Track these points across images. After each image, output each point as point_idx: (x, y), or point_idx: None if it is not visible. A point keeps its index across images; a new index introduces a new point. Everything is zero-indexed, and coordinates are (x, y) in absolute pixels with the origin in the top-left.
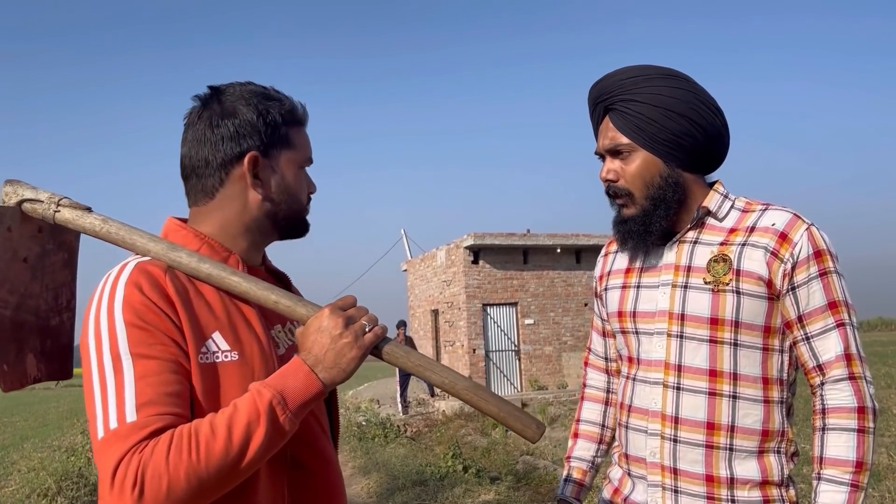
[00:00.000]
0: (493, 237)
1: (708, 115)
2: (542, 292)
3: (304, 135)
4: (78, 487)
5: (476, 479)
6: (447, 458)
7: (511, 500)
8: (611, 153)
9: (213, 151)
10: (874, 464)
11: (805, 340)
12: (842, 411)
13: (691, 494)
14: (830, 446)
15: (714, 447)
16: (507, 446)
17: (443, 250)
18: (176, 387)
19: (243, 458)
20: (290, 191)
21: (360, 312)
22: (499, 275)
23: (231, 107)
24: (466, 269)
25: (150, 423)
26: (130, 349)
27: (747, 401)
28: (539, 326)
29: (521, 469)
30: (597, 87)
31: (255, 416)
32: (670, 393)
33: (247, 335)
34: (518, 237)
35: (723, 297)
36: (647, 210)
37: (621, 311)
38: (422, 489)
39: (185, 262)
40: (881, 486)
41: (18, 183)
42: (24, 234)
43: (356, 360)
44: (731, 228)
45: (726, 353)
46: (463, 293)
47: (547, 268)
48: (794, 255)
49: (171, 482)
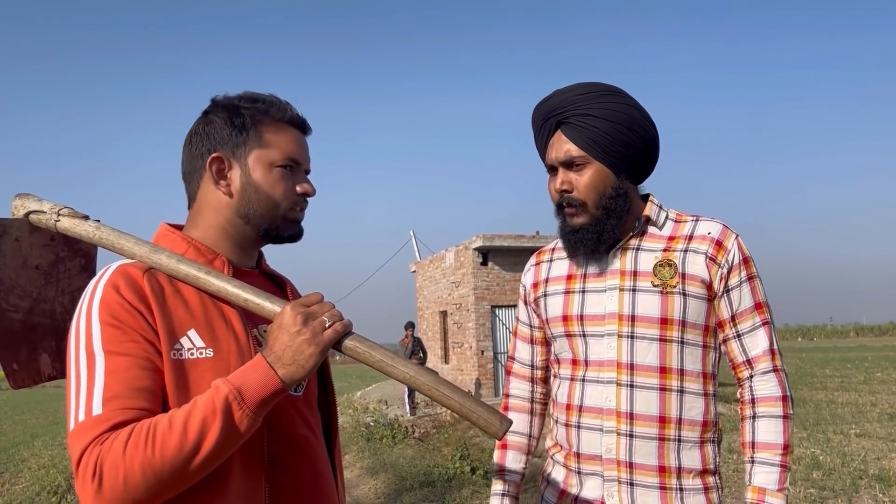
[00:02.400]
0: (502, 238)
1: (649, 128)
2: None
3: (287, 135)
4: None
5: (484, 480)
6: (455, 459)
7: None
8: (564, 165)
9: (190, 158)
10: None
11: (736, 337)
12: (769, 400)
13: (646, 486)
14: (761, 432)
15: (665, 439)
16: None
17: (451, 252)
18: (145, 382)
19: (198, 453)
20: (259, 189)
21: (323, 309)
22: (508, 276)
23: (211, 115)
24: (475, 271)
25: (114, 416)
26: (104, 346)
27: (692, 394)
28: None
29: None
30: (547, 102)
31: (211, 411)
32: (624, 391)
33: (224, 333)
34: (527, 238)
35: (671, 299)
36: (598, 219)
37: (566, 315)
38: (429, 490)
39: (165, 264)
40: (892, 491)
41: (26, 196)
42: (35, 243)
43: (314, 357)
44: (669, 236)
45: (674, 351)
46: (472, 294)
47: None
48: (729, 260)
49: (126, 474)
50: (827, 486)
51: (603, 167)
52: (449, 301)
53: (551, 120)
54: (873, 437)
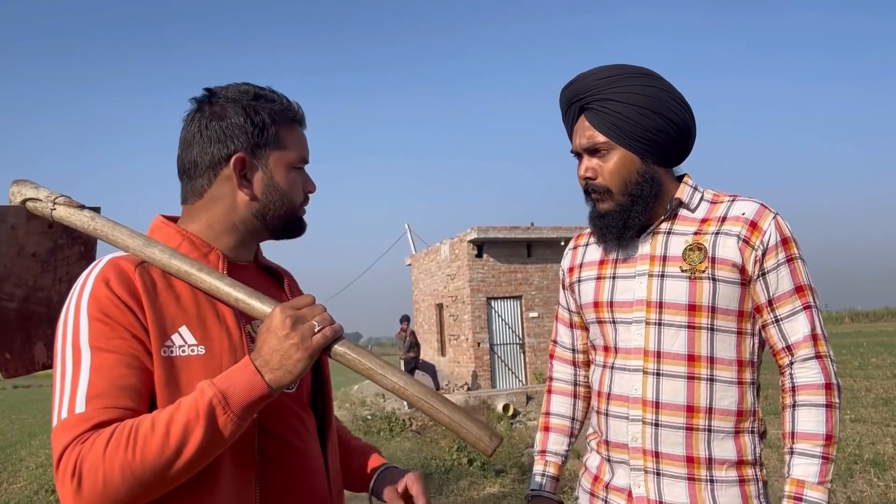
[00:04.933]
0: (496, 230)
1: (679, 111)
2: (546, 285)
3: (298, 134)
4: None
5: (481, 471)
6: (452, 451)
7: (516, 492)
8: (588, 152)
9: (201, 153)
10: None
11: (775, 323)
12: (811, 388)
13: (673, 476)
14: (801, 421)
15: (694, 429)
16: (511, 439)
17: (446, 244)
18: (130, 381)
19: (179, 457)
20: (279, 191)
21: (313, 312)
22: (503, 268)
23: (221, 109)
24: (470, 263)
25: (96, 415)
26: (90, 342)
27: (723, 383)
28: (543, 319)
29: (526, 462)
30: (570, 88)
31: (195, 415)
32: (650, 379)
33: (217, 330)
34: (522, 230)
35: (699, 284)
36: (624, 206)
37: (597, 302)
38: (427, 482)
39: (158, 258)
40: (886, 476)
41: (24, 183)
42: (32, 230)
43: (302, 363)
44: (702, 219)
45: (703, 338)
46: (467, 287)
47: (551, 260)
48: (764, 242)
49: (105, 475)
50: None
51: (628, 153)
52: (444, 294)
53: (574, 105)
54: (868, 421)
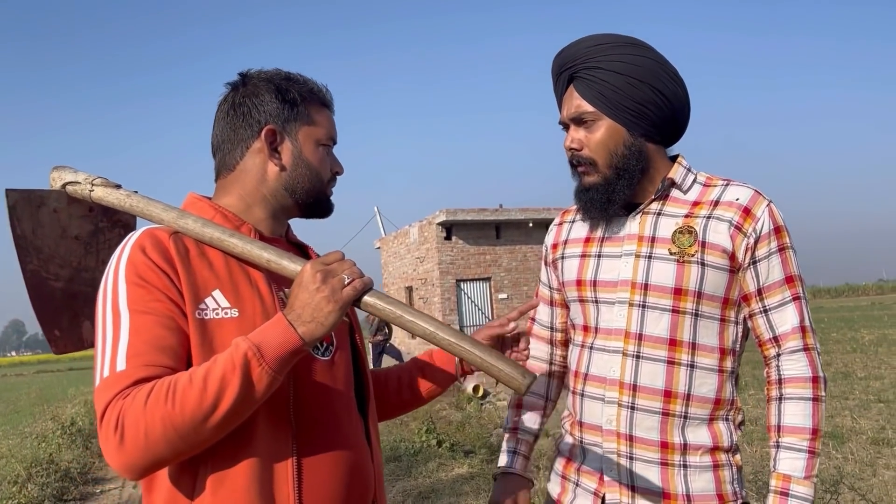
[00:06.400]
0: (465, 213)
1: (671, 84)
2: (515, 267)
3: (326, 115)
4: (48, 474)
5: (450, 453)
6: (421, 433)
7: (485, 473)
8: (575, 122)
9: (233, 127)
10: (839, 427)
11: (763, 313)
12: (798, 381)
13: (646, 461)
14: (788, 415)
15: (670, 415)
16: (480, 420)
17: (416, 227)
18: (168, 341)
19: (217, 409)
20: (309, 165)
21: (342, 266)
22: (472, 250)
23: (253, 88)
24: (440, 246)
25: (136, 372)
26: (129, 305)
27: (703, 370)
28: (513, 301)
29: (494, 442)
30: (560, 56)
31: (231, 367)
32: (629, 361)
33: (249, 294)
34: (490, 212)
35: (688, 268)
36: (609, 179)
37: (580, 280)
38: (396, 465)
39: (191, 227)
40: (844, 448)
41: (63, 168)
42: (74, 214)
43: (334, 314)
44: (694, 201)
45: (687, 323)
46: (436, 269)
47: (520, 242)
48: (757, 230)
49: (147, 428)
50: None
51: (615, 124)
52: (414, 276)
53: (564, 74)
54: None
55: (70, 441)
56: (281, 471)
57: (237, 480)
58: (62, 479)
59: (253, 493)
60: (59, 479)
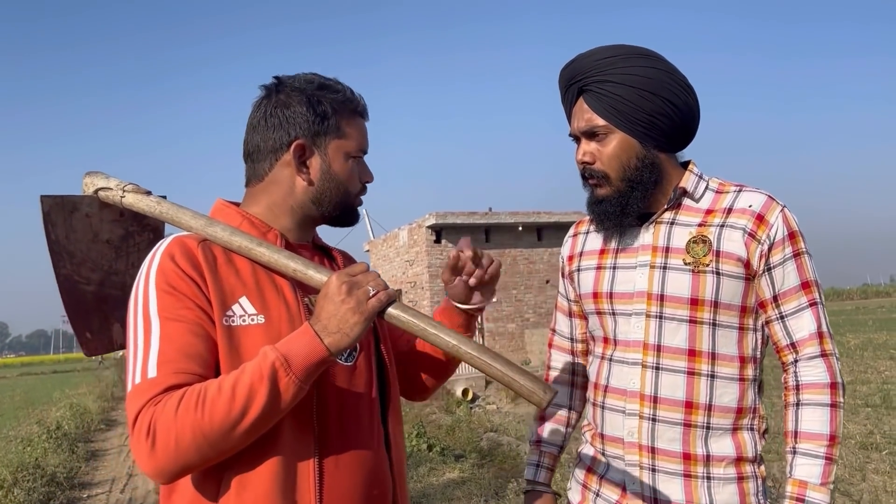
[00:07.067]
0: (454, 216)
1: (681, 93)
2: (504, 270)
3: (359, 125)
4: (34, 478)
5: (440, 457)
6: (412, 437)
7: (475, 477)
8: (586, 135)
9: (264, 138)
10: None
11: (779, 319)
12: (815, 387)
13: (668, 472)
14: (805, 421)
15: (692, 426)
16: (471, 424)
17: (405, 230)
18: (197, 348)
19: (245, 417)
20: (337, 179)
21: (367, 278)
22: None
23: (286, 97)
24: (429, 249)
25: (167, 379)
26: (160, 313)
27: (724, 379)
28: (502, 304)
29: (485, 446)
30: (569, 68)
31: (259, 377)
32: (649, 373)
33: (275, 301)
34: (480, 216)
35: (703, 278)
36: (622, 191)
37: (597, 293)
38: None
39: (220, 236)
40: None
41: (95, 174)
42: (105, 218)
43: (359, 326)
44: (707, 209)
45: (705, 333)
46: (426, 273)
47: (509, 246)
48: (771, 236)
49: (178, 434)
50: (772, 450)
51: (627, 137)
52: (403, 280)
53: (573, 87)
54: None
55: (56, 445)
56: (303, 474)
57: (261, 483)
58: (48, 484)
59: (276, 495)
60: (45, 484)
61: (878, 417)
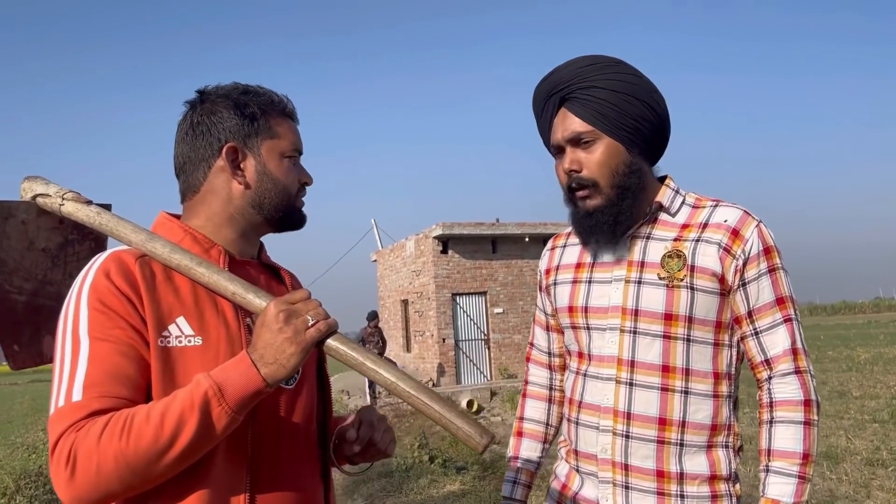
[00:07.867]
0: (461, 227)
1: (661, 100)
2: (510, 281)
3: (289, 125)
4: (37, 486)
5: (442, 469)
6: (413, 448)
7: (477, 489)
8: (572, 143)
9: (194, 148)
10: (833, 447)
11: (754, 335)
12: (789, 404)
13: (642, 490)
14: (778, 438)
15: (665, 442)
16: None
17: (412, 240)
18: (127, 370)
19: (172, 447)
20: (274, 178)
21: (307, 307)
22: (468, 264)
23: (211, 105)
24: (436, 259)
25: (92, 403)
26: (89, 332)
27: (698, 396)
28: (508, 315)
29: (487, 459)
30: (549, 79)
31: (190, 405)
32: (623, 389)
33: (214, 321)
34: (487, 226)
35: (677, 293)
36: (612, 200)
37: (572, 307)
38: (387, 481)
39: (159, 252)
40: (839, 469)
41: (35, 179)
42: (43, 226)
43: (296, 357)
44: (683, 224)
45: (679, 349)
46: (432, 283)
47: (515, 256)
48: (746, 251)
49: (99, 463)
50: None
51: (614, 142)
52: (410, 290)
53: (554, 97)
54: (822, 414)
55: None
56: None
57: None
58: (51, 492)
59: None
60: (47, 492)
61: (886, 433)
